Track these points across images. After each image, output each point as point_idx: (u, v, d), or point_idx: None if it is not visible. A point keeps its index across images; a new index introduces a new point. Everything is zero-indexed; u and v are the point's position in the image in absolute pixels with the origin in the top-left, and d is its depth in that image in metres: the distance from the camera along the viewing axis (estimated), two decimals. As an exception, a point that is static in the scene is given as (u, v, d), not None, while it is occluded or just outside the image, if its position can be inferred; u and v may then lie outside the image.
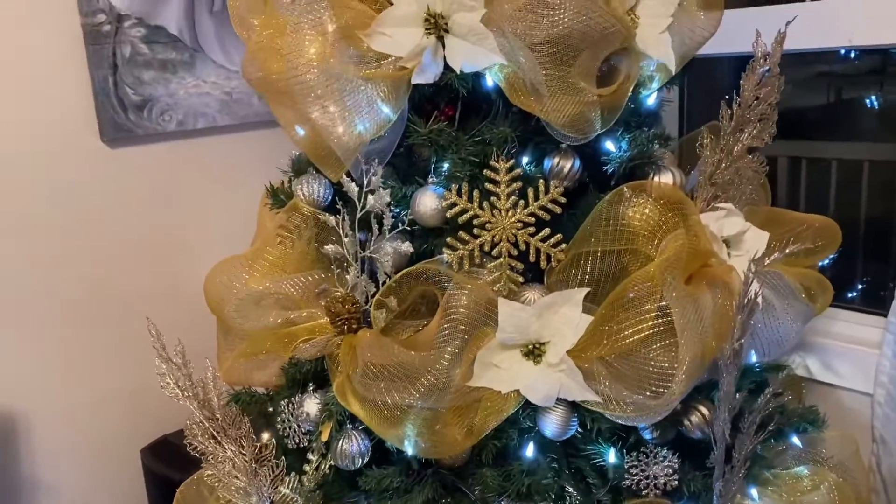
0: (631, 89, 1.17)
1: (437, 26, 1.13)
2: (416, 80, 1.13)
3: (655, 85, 1.26)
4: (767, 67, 1.27)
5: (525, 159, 1.23)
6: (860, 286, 1.97)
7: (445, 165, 1.20)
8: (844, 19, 1.60)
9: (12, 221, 1.75)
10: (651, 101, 1.29)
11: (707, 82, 1.95)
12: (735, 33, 1.75)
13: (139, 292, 1.94)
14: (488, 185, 1.15)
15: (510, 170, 1.15)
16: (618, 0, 1.20)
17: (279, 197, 1.34)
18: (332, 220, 1.20)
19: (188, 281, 2.03)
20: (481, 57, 1.13)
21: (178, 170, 2.00)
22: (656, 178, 1.20)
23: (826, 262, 1.47)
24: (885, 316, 1.57)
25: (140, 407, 1.92)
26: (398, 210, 1.24)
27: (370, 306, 1.20)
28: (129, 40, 1.86)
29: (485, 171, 1.15)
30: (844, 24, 1.60)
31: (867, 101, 1.99)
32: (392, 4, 1.13)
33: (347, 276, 1.22)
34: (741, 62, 1.31)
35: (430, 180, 1.21)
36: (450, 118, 1.22)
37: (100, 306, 1.89)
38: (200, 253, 2.01)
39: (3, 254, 1.74)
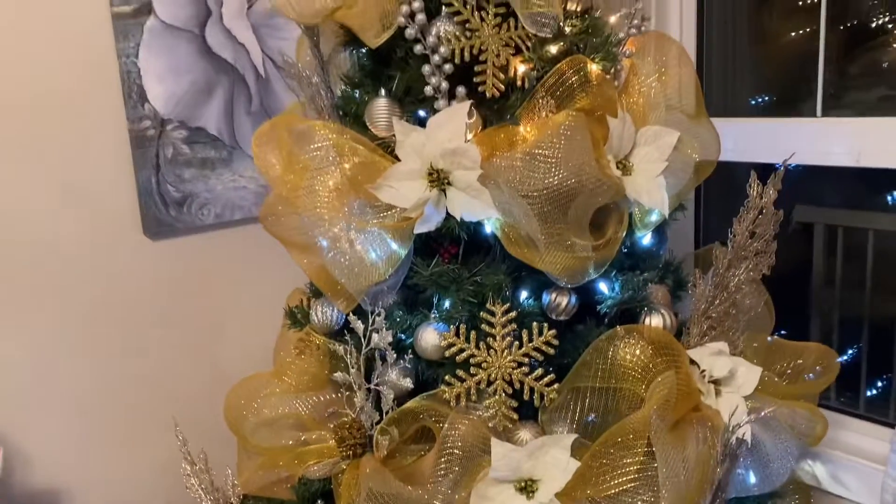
0: (621, 239, 1.23)
1: (439, 180, 1.22)
2: (418, 230, 1.22)
3: (650, 227, 1.31)
4: (761, 209, 1.31)
5: (524, 294, 1.31)
6: (879, 385, 1.97)
7: (447, 303, 1.28)
8: (854, 140, 1.63)
9: (60, 310, 1.89)
10: (646, 241, 1.34)
11: (724, 185, 1.99)
12: (751, 143, 1.81)
13: (178, 375, 2.06)
14: (485, 327, 1.23)
15: (506, 312, 1.22)
16: (612, 148, 1.27)
17: (297, 318, 1.43)
18: (340, 349, 1.29)
19: (223, 362, 2.16)
20: (479, 209, 1.21)
21: (215, 259, 2.12)
22: (647, 321, 1.26)
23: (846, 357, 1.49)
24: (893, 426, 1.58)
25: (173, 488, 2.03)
26: (404, 337, 1.32)
27: (375, 431, 1.28)
28: (172, 142, 2.00)
29: (482, 313, 1.23)
30: (853, 144, 1.63)
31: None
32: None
33: (355, 400, 1.30)
34: (759, 168, 1.36)
35: (432, 316, 1.29)
36: (453, 256, 1.30)
37: (140, 389, 2.01)
38: (235, 335, 2.13)
39: (49, 339, 1.88)
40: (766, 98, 2.00)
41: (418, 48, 1.18)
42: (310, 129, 1.27)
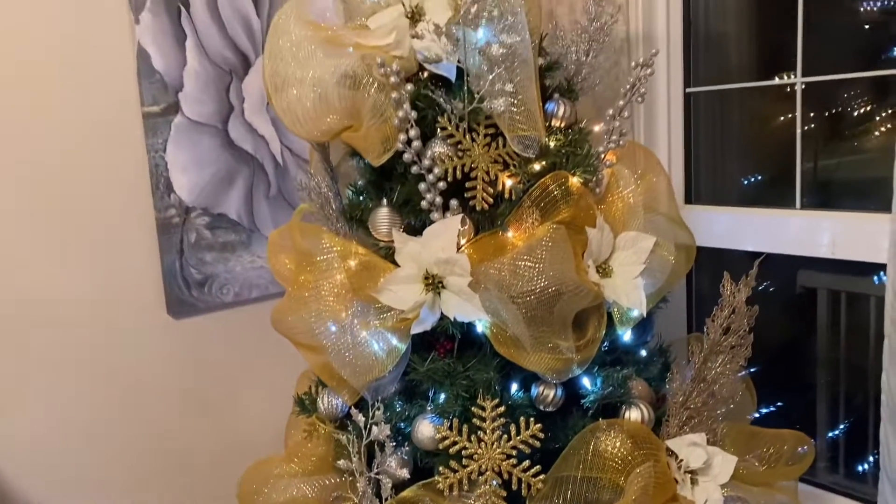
0: (601, 339, 1.34)
1: (434, 284, 1.34)
2: (414, 330, 1.34)
3: (630, 324, 1.42)
4: (733, 308, 1.42)
5: (514, 386, 1.42)
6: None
7: (442, 397, 1.39)
8: (828, 233, 1.74)
9: (88, 385, 2.02)
10: (626, 337, 1.45)
11: (716, 269, 2.09)
12: (738, 230, 1.92)
13: (199, 447, 2.18)
14: (476, 420, 1.33)
15: (495, 407, 1.33)
16: (592, 254, 1.39)
17: (305, 405, 1.55)
18: (344, 438, 1.40)
19: (241, 432, 2.27)
20: (471, 311, 1.33)
21: (234, 335, 2.25)
22: (627, 415, 1.36)
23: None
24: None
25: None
26: (403, 426, 1.43)
27: (376, 516, 1.38)
28: (195, 228, 2.15)
29: (473, 408, 1.34)
30: (828, 237, 1.74)
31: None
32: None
33: (358, 485, 1.41)
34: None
35: (428, 408, 1.40)
36: (448, 351, 1.42)
37: (161, 459, 2.13)
38: (252, 406, 2.25)
39: (76, 412, 2.01)
40: (758, 177, 2.12)
41: (415, 169, 1.32)
42: (318, 236, 1.41)
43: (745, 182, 2.07)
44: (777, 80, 1.89)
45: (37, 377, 1.95)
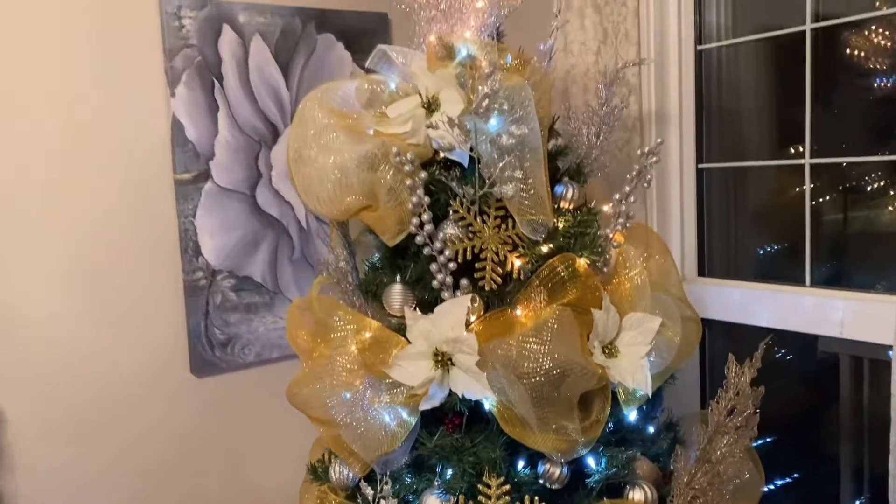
0: (606, 420, 1.37)
1: (443, 361, 1.39)
2: (423, 406, 1.38)
3: (635, 404, 1.45)
4: (736, 391, 1.44)
5: (521, 463, 1.45)
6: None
7: (449, 472, 1.42)
8: (838, 313, 1.76)
9: (114, 437, 2.09)
10: (632, 417, 1.48)
11: (728, 342, 2.11)
12: (748, 307, 1.94)
13: (223, 497, 2.23)
14: (482, 498, 1.36)
15: (501, 485, 1.36)
16: (598, 335, 1.43)
17: (317, 473, 1.59)
18: (354, 510, 1.44)
19: (258, 493, 2.32)
20: (478, 389, 1.37)
21: (254, 393, 2.31)
22: (631, 495, 1.38)
23: None
24: None
25: None
26: (411, 498, 1.46)
27: (383, 588, 1.41)
28: (221, 290, 2.23)
29: (479, 485, 1.37)
30: (838, 316, 1.75)
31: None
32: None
33: (369, 554, 1.44)
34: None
35: (436, 483, 1.43)
36: (457, 426, 1.46)
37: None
38: (271, 461, 2.30)
39: (103, 463, 2.07)
40: (771, 249, 2.14)
41: (427, 250, 1.38)
42: (334, 310, 1.47)
43: (758, 255, 2.10)
44: (785, 161, 1.94)
45: (64, 425, 2.02)
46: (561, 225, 1.51)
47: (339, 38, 2.39)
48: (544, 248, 1.44)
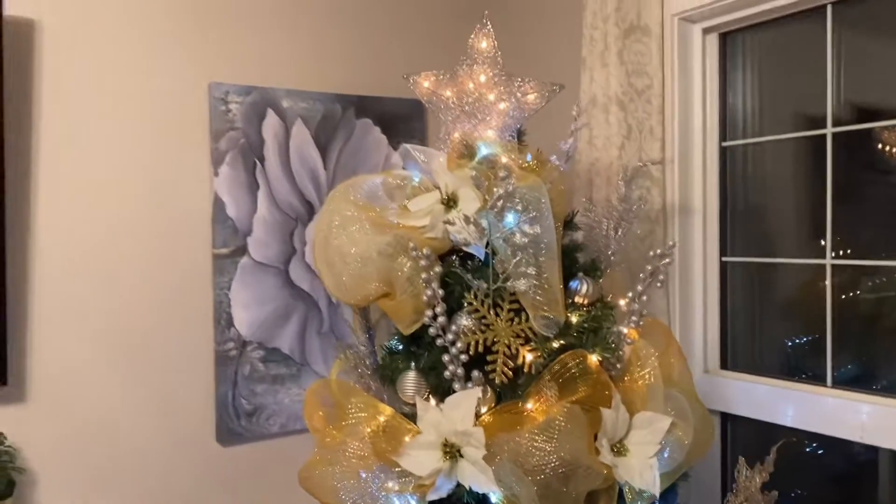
0: (611, 519, 1.37)
1: (452, 452, 1.41)
2: (430, 497, 1.40)
3: (644, 500, 1.45)
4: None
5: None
6: None
7: (455, 562, 1.43)
8: (860, 417, 1.73)
9: (137, 499, 2.14)
10: (641, 515, 1.47)
11: (753, 438, 2.08)
12: (770, 404, 1.93)
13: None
14: (485, 590, 1.37)
15: (504, 581, 1.36)
16: (606, 433, 1.44)
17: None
18: None
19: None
20: (484, 483, 1.39)
21: (278, 463, 2.35)
22: None
23: None
24: None
25: None
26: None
27: None
28: (250, 361, 2.31)
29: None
30: (859, 421, 1.73)
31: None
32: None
33: None
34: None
35: (441, 571, 1.44)
36: (464, 520, 1.47)
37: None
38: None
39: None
40: (795, 343, 2.12)
41: (440, 341, 1.42)
42: (350, 394, 1.52)
43: (782, 348, 2.09)
44: (807, 260, 1.94)
45: (91, 486, 2.08)
46: (574, 320, 1.54)
47: (376, 123, 2.50)
48: (556, 344, 1.47)
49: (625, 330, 1.54)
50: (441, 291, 1.41)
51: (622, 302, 1.63)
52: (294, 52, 2.38)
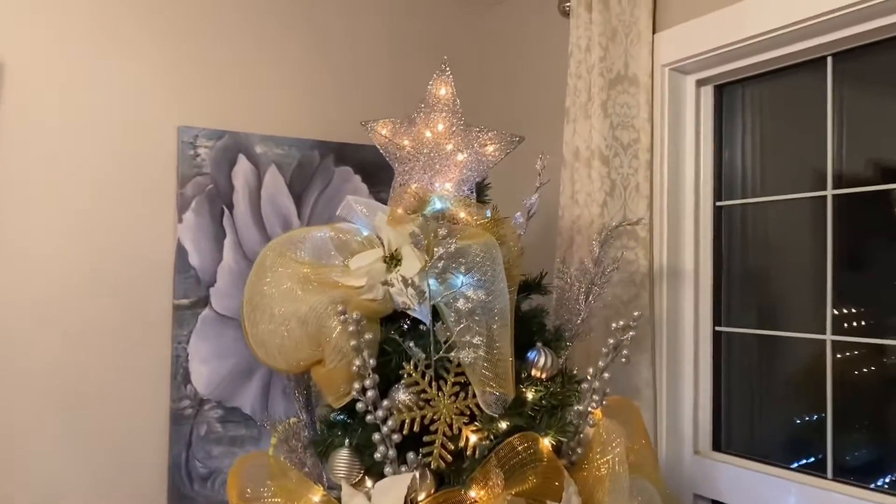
0: None
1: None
2: None
3: None
4: None
5: None
6: None
7: None
8: (861, 515, 1.52)
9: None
10: None
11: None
12: (766, 494, 1.72)
13: None
14: None
15: None
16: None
17: None
18: None
19: None
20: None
21: (230, 533, 2.18)
22: None
23: None
24: None
25: None
26: None
27: None
28: (207, 420, 2.16)
29: None
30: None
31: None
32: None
33: None
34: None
35: None
36: None
37: None
38: None
39: None
40: (793, 424, 1.91)
41: (370, 418, 1.27)
42: (281, 474, 1.36)
43: (781, 428, 1.88)
44: (808, 335, 1.75)
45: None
46: (530, 396, 1.38)
47: (357, 171, 2.39)
48: (503, 424, 1.30)
49: (588, 409, 1.36)
50: (372, 361, 1.26)
51: (589, 371, 1.46)
52: (270, 96, 2.28)
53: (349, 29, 2.40)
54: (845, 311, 1.69)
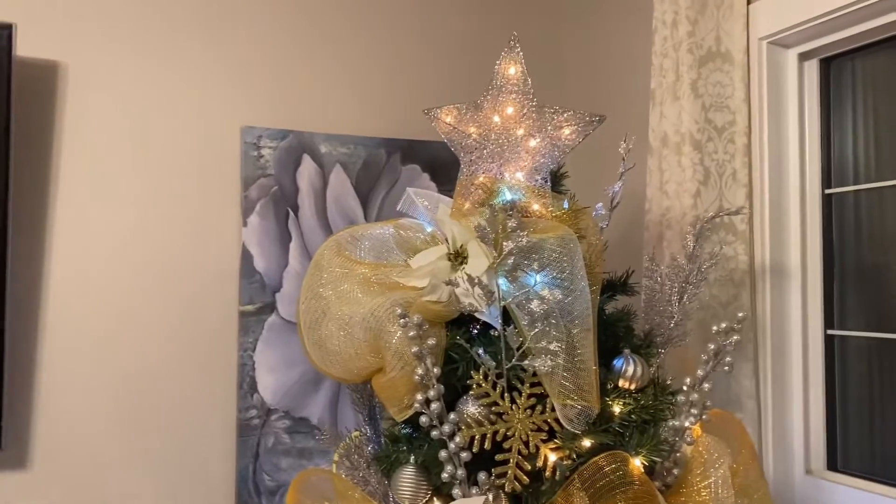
0: None
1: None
2: None
3: None
4: None
5: None
6: None
7: None
8: None
9: None
10: None
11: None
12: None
13: None
14: None
15: None
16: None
17: None
18: None
19: None
20: None
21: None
22: None
23: None
24: None
25: None
26: None
27: None
28: (274, 431, 2.07)
29: None
30: None
31: None
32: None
33: None
34: None
35: None
36: None
37: None
38: None
39: None
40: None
41: (435, 433, 1.13)
42: (343, 494, 1.25)
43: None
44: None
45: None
46: (617, 410, 1.21)
47: (424, 170, 2.27)
48: (587, 441, 1.14)
49: (685, 424, 1.19)
50: (437, 370, 1.13)
51: (685, 383, 1.29)
52: (334, 94, 2.19)
53: (417, 21, 2.29)
54: None
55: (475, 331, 1.26)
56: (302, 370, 2.11)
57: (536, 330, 1.12)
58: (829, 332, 1.71)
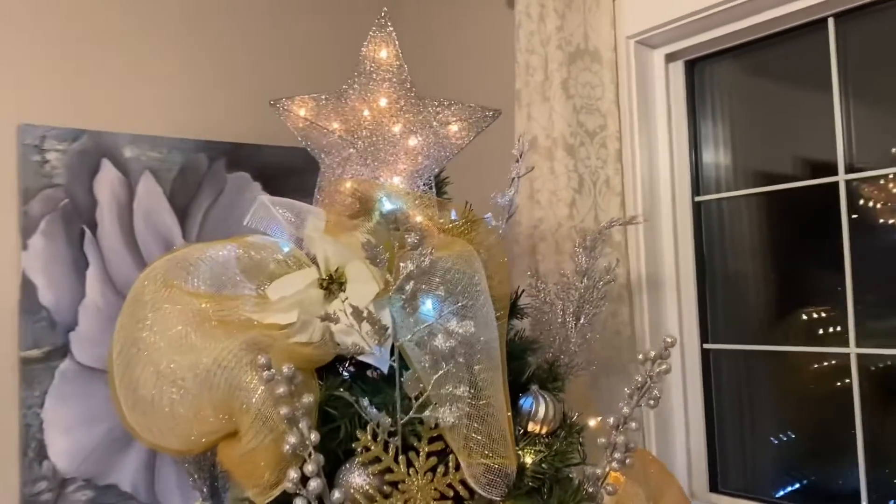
0: None
1: None
2: None
3: None
4: None
5: None
6: None
7: None
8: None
9: None
10: None
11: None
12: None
13: None
14: None
15: None
16: None
17: None
18: None
19: None
20: None
21: None
22: None
23: None
24: None
25: None
26: None
27: None
28: (72, 506, 1.65)
29: None
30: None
31: None
32: None
33: None
34: None
35: None
36: None
37: None
38: None
39: None
40: (803, 455, 1.64)
41: (314, 520, 0.85)
42: None
43: (787, 463, 1.60)
44: (822, 349, 1.48)
45: None
46: (529, 460, 1.00)
47: (255, 178, 1.95)
48: (503, 506, 0.92)
49: (603, 472, 1.01)
50: (315, 436, 0.85)
51: (592, 422, 1.12)
52: (141, 87, 1.82)
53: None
54: (866, 319, 1.43)
55: (346, 374, 1.00)
56: (108, 426, 1.71)
57: (441, 371, 0.88)
58: (706, 345, 1.64)
